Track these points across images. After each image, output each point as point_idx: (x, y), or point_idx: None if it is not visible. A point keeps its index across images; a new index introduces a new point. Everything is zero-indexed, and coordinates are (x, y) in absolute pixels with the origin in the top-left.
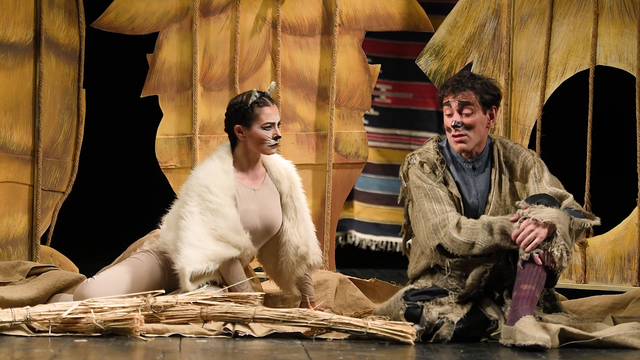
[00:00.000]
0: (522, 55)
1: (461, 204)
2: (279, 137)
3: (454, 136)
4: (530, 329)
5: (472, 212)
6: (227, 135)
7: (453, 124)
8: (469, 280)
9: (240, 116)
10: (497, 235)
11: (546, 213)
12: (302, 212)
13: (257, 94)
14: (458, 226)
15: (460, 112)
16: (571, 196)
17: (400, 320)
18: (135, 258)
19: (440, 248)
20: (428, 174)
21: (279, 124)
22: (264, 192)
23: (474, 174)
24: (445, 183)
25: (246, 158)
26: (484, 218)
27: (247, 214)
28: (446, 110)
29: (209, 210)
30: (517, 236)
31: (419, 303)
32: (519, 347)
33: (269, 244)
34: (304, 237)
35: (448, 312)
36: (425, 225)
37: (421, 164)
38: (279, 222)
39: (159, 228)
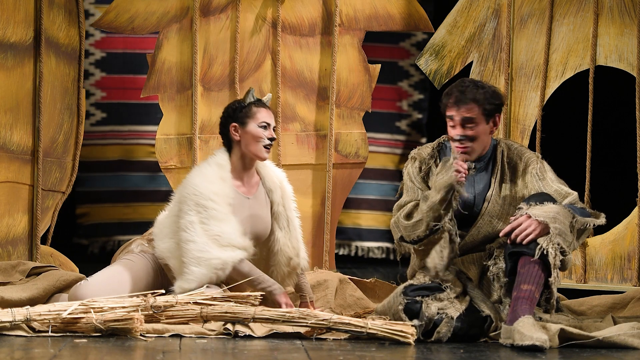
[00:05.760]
0: (522, 55)
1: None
2: (274, 139)
3: (457, 147)
4: (528, 329)
5: (468, 208)
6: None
7: (457, 137)
8: (429, 262)
9: (237, 114)
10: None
11: (542, 211)
12: (293, 222)
13: (254, 95)
14: (409, 216)
15: (463, 126)
16: (575, 194)
17: (400, 316)
18: (128, 259)
19: (402, 239)
20: (416, 168)
21: (274, 128)
22: (256, 200)
23: (473, 173)
24: (428, 178)
25: (242, 163)
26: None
27: (240, 221)
28: (449, 122)
29: (211, 218)
30: (512, 230)
31: (418, 298)
32: (517, 347)
33: (259, 250)
34: (295, 248)
35: (447, 308)
36: (392, 221)
37: (414, 158)
38: (268, 230)
39: (152, 228)
